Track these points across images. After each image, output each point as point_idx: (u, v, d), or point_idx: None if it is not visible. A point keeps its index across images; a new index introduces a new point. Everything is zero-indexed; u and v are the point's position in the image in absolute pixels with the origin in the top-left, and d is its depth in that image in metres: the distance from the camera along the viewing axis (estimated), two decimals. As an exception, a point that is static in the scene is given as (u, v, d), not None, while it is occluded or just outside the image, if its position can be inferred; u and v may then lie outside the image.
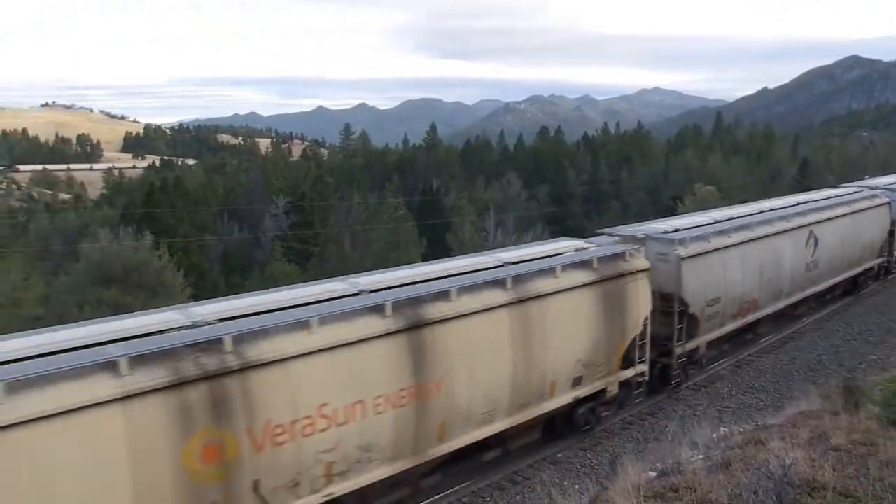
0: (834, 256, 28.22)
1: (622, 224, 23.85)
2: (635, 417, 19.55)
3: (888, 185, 35.65)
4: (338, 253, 54.16)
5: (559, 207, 78.86)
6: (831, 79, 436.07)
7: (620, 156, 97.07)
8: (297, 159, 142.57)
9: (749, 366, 23.49)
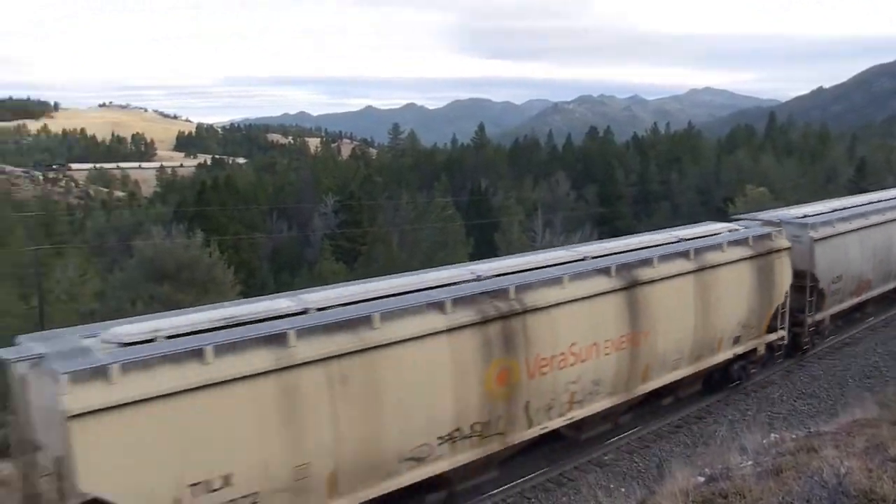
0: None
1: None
2: (683, 421, 19.36)
3: None
4: (386, 252, 54.35)
5: (608, 208, 78.18)
6: (893, 76, 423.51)
7: (670, 156, 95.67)
8: (346, 159, 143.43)
9: (801, 371, 23.13)
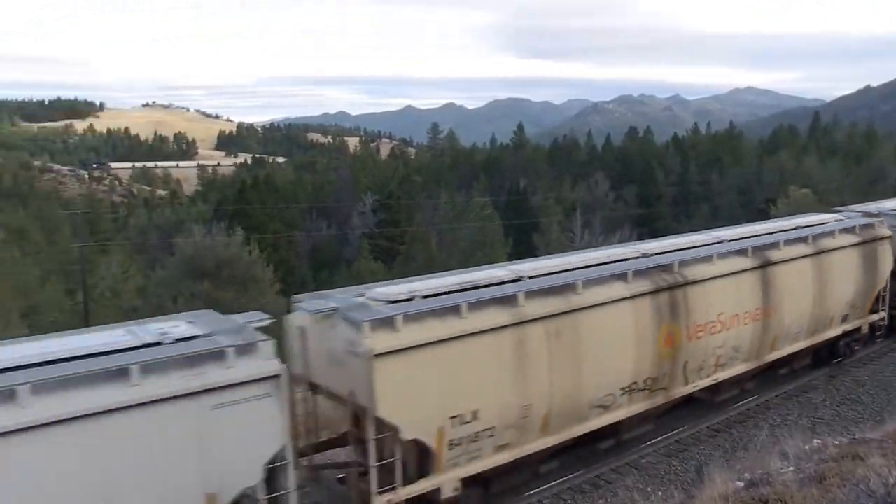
0: None
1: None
2: (722, 425, 19.09)
3: None
4: (424, 251, 54.44)
5: (647, 209, 77.62)
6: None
7: (711, 157, 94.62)
8: (384, 158, 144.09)
9: (846, 376, 22.62)
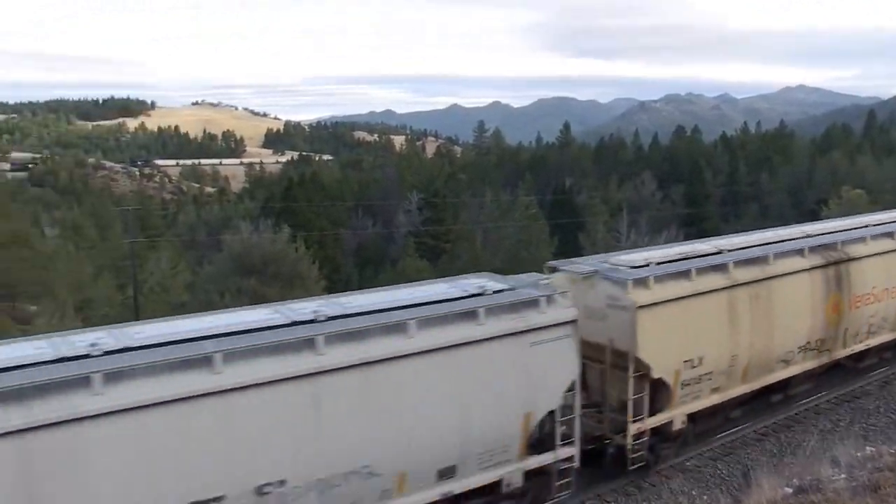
0: None
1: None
2: (770, 429, 18.72)
3: None
4: (469, 250, 54.37)
5: (694, 209, 76.55)
6: None
7: (761, 156, 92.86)
8: (430, 156, 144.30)
9: (901, 382, 22.07)
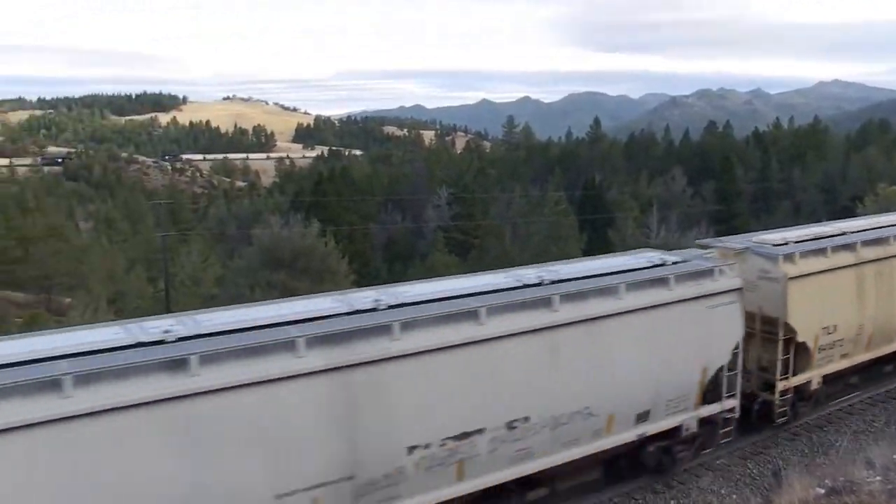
0: None
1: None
2: (802, 429, 18.47)
3: None
4: (498, 245, 54.29)
5: (725, 205, 75.80)
6: None
7: (794, 152, 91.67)
8: (460, 151, 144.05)
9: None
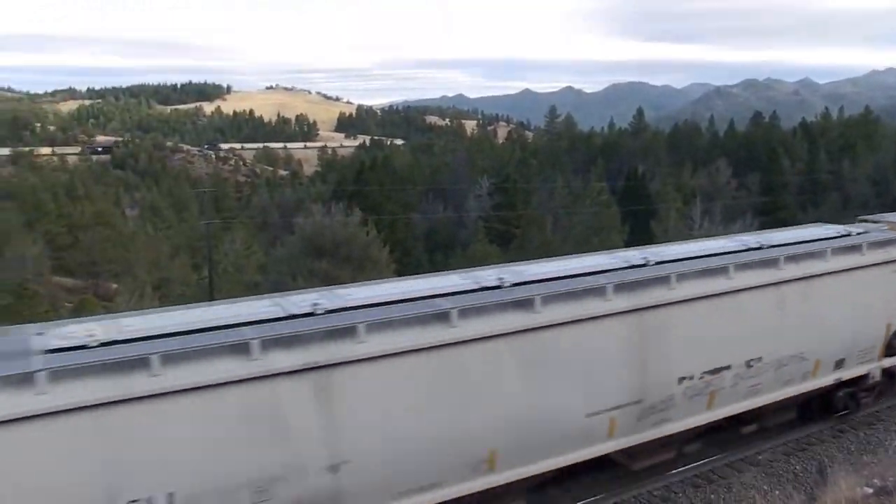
0: None
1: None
2: (848, 426, 18.14)
3: None
4: (539, 236, 54.09)
5: (771, 197, 74.59)
6: None
7: (843, 143, 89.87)
8: (501, 141, 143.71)
9: None
